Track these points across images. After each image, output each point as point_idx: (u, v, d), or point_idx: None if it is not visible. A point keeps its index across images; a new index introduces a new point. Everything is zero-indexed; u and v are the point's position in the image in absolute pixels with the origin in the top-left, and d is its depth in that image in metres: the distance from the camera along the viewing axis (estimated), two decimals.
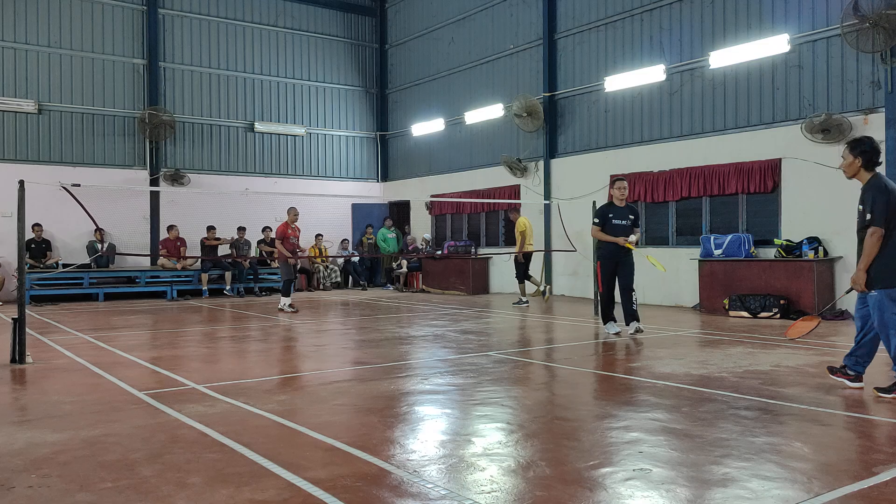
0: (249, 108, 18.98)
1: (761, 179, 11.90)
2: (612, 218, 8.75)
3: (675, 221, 13.56)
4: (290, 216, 12.87)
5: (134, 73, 17.45)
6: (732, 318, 10.89)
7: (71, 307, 13.89)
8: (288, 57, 19.59)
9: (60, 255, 16.01)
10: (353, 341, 9.05)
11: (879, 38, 10.15)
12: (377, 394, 5.56)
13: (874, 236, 5.12)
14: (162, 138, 17.37)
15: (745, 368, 6.51)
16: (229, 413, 4.93)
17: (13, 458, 3.88)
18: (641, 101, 14.05)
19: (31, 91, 16.19)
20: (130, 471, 3.66)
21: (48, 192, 12.41)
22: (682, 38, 13.30)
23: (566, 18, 15.62)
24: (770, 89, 11.94)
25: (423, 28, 19.63)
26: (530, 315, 11.90)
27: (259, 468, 3.68)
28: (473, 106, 17.76)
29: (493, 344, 8.45)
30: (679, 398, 5.32)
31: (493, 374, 6.37)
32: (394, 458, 3.87)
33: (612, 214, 8.77)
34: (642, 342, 8.42)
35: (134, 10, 17.46)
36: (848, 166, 5.44)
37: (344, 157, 20.64)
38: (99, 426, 4.56)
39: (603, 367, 6.97)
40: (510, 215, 14.68)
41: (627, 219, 8.78)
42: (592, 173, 14.81)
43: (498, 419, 4.76)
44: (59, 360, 7.33)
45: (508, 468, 3.70)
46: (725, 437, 4.20)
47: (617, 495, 3.30)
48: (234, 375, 6.49)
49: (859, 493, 3.31)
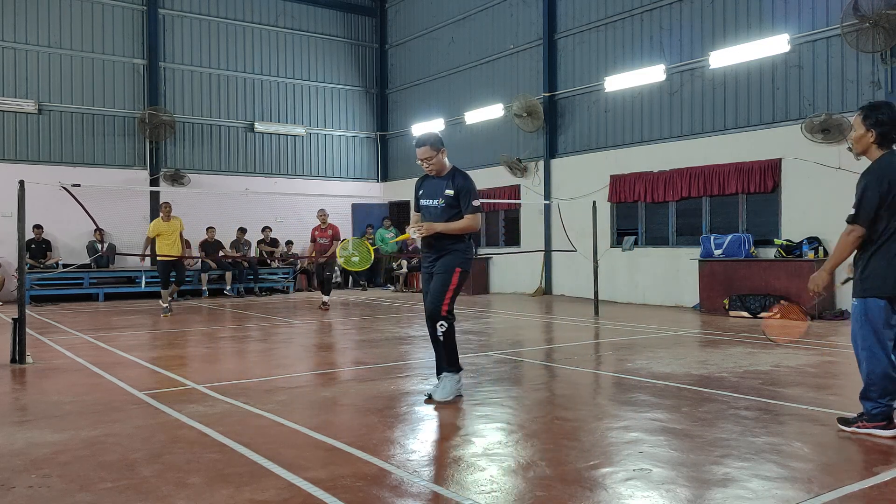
0: (249, 108, 18.98)
1: (761, 179, 11.90)
2: (421, 196, 5.60)
3: (675, 221, 13.56)
4: (318, 218, 13.13)
5: (134, 73, 17.45)
6: (732, 318, 10.89)
7: (71, 307, 13.89)
8: (288, 57, 19.59)
9: (60, 255, 16.01)
10: (353, 341, 9.05)
11: (879, 38, 10.15)
12: (377, 394, 5.56)
13: (852, 235, 4.13)
14: (162, 138, 17.38)
15: (745, 368, 6.51)
16: (229, 413, 4.92)
17: (13, 458, 3.88)
18: (641, 101, 14.05)
19: (31, 91, 16.18)
20: (130, 471, 3.65)
21: (48, 192, 12.40)
22: (682, 38, 13.30)
23: (566, 18, 15.62)
24: (770, 89, 11.94)
25: (423, 28, 19.63)
26: (530, 315, 11.90)
27: (259, 468, 3.68)
28: (473, 106, 17.76)
29: (493, 344, 8.44)
30: (679, 398, 5.32)
31: (493, 374, 6.37)
32: (394, 458, 3.87)
33: (423, 191, 5.59)
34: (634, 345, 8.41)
35: (134, 10, 17.46)
36: (858, 140, 4.24)
37: (344, 157, 20.64)
38: (99, 426, 4.56)
39: (603, 367, 6.97)
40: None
41: (441, 196, 5.38)
42: (592, 173, 14.81)
43: (498, 419, 4.76)
44: (59, 360, 7.33)
45: (508, 468, 3.70)
46: (725, 437, 4.20)
47: (617, 495, 3.30)
48: (234, 375, 6.49)
49: (859, 493, 3.31)
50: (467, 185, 5.37)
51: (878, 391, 4.16)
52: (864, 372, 4.20)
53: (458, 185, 5.37)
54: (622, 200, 14.35)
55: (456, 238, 5.33)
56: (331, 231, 13.04)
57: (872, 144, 4.17)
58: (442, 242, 5.33)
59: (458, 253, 5.33)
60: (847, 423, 4.31)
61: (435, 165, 5.45)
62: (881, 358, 4.14)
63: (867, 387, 4.21)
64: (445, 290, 5.23)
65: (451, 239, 5.32)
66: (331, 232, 13.03)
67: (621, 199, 14.33)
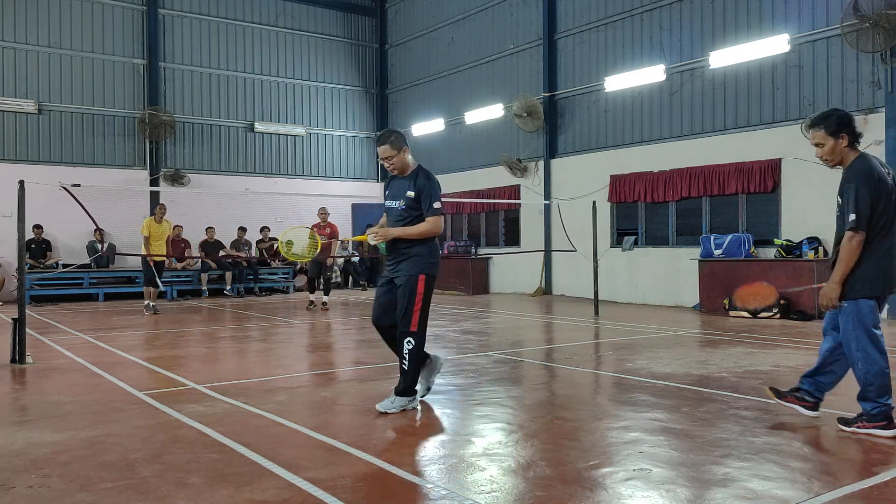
0: (249, 108, 18.98)
1: (761, 179, 11.90)
2: (387, 197, 5.30)
3: (675, 221, 13.57)
4: (318, 216, 13.19)
5: (134, 73, 17.45)
6: (732, 318, 10.89)
7: (71, 307, 13.89)
8: (288, 57, 19.59)
9: (60, 255, 16.01)
10: (353, 341, 9.05)
11: (879, 38, 10.15)
12: (377, 394, 5.55)
13: (854, 241, 4.07)
14: (162, 138, 17.38)
15: (745, 368, 6.51)
16: (229, 413, 4.92)
17: (13, 458, 3.88)
18: (641, 101, 14.05)
19: (31, 91, 16.18)
20: (130, 471, 3.65)
21: (48, 192, 12.41)
22: (682, 38, 13.31)
23: (566, 18, 15.62)
24: (770, 89, 11.95)
25: (423, 28, 19.64)
26: (530, 315, 11.90)
27: (259, 468, 3.68)
28: (473, 106, 17.76)
29: (493, 344, 8.44)
30: (679, 398, 5.32)
31: (493, 374, 6.37)
32: (394, 459, 3.87)
33: (389, 191, 5.28)
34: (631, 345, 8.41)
35: (134, 10, 17.46)
36: (830, 152, 4.23)
37: (344, 157, 20.64)
38: (99, 426, 4.56)
39: (603, 367, 6.97)
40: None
41: (403, 197, 5.07)
42: (592, 173, 14.81)
43: (498, 419, 4.76)
44: (59, 360, 7.33)
45: (508, 468, 3.70)
46: (725, 437, 4.20)
47: (617, 495, 3.30)
48: (234, 375, 6.49)
49: (859, 493, 3.31)
50: (429, 187, 4.99)
51: (876, 391, 4.17)
52: (861, 373, 4.19)
53: (419, 186, 5.00)
54: (622, 200, 14.35)
55: (418, 242, 4.99)
56: (329, 230, 13.05)
57: (846, 148, 4.19)
58: (403, 247, 5.00)
59: (421, 258, 4.96)
60: (847, 424, 4.31)
61: (396, 165, 5.11)
62: (876, 358, 4.16)
63: (865, 387, 4.21)
64: (412, 305, 4.88)
65: (412, 243, 4.98)
66: (329, 230, 13.03)
67: (621, 199, 14.33)
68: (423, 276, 4.92)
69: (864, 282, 4.13)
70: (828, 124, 4.17)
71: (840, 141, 4.17)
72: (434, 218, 4.95)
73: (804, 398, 4.52)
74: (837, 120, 4.15)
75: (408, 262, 4.97)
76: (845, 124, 4.14)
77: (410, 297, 4.90)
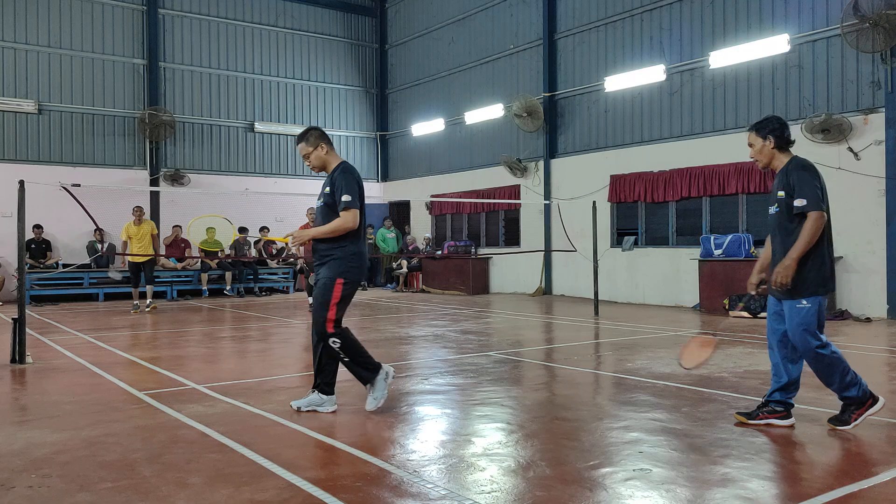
0: (249, 108, 18.98)
1: (761, 179, 11.90)
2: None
3: (675, 221, 13.57)
4: (307, 217, 13.21)
5: (134, 73, 17.45)
6: (732, 318, 10.89)
7: (71, 307, 13.89)
8: (288, 57, 19.60)
9: (60, 255, 16.01)
10: None
11: (879, 38, 10.15)
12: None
13: (819, 221, 4.20)
14: (162, 138, 17.38)
15: (745, 368, 6.51)
16: (229, 413, 4.92)
17: (13, 458, 3.88)
18: (641, 101, 14.05)
19: (31, 91, 16.19)
20: (130, 471, 3.65)
21: (48, 193, 12.40)
22: (682, 38, 13.31)
23: (566, 18, 15.62)
24: (770, 89, 11.95)
25: (423, 28, 19.64)
26: (530, 315, 11.90)
27: (259, 468, 3.68)
28: (473, 106, 17.76)
29: (493, 344, 8.44)
30: (679, 398, 5.32)
31: (493, 374, 6.37)
32: (394, 458, 3.87)
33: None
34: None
35: (134, 10, 17.46)
36: (758, 152, 4.57)
37: (344, 157, 20.59)
38: (99, 426, 4.56)
39: (603, 367, 6.97)
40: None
41: (322, 195, 5.08)
42: (592, 173, 14.81)
43: (498, 419, 4.76)
44: (59, 360, 7.33)
45: (508, 468, 3.70)
46: (725, 437, 4.20)
47: (617, 495, 3.30)
48: (234, 375, 6.49)
49: (859, 493, 3.31)
50: (340, 180, 4.81)
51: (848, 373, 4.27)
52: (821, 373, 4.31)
53: (334, 181, 4.87)
54: (622, 200, 14.35)
55: (334, 243, 4.80)
56: None
57: (774, 150, 4.52)
58: (323, 249, 4.84)
59: (340, 261, 4.79)
60: (846, 424, 4.34)
61: (314, 162, 4.98)
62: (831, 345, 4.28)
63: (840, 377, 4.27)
64: (327, 305, 4.74)
65: (329, 243, 4.81)
66: None
67: (621, 199, 14.33)
68: (341, 281, 4.79)
69: (818, 279, 4.27)
70: (759, 127, 4.57)
71: (767, 143, 4.51)
72: (346, 212, 4.74)
73: (775, 409, 4.48)
74: (768, 124, 4.54)
75: (327, 266, 4.84)
76: (774, 129, 4.49)
77: (325, 297, 4.77)
